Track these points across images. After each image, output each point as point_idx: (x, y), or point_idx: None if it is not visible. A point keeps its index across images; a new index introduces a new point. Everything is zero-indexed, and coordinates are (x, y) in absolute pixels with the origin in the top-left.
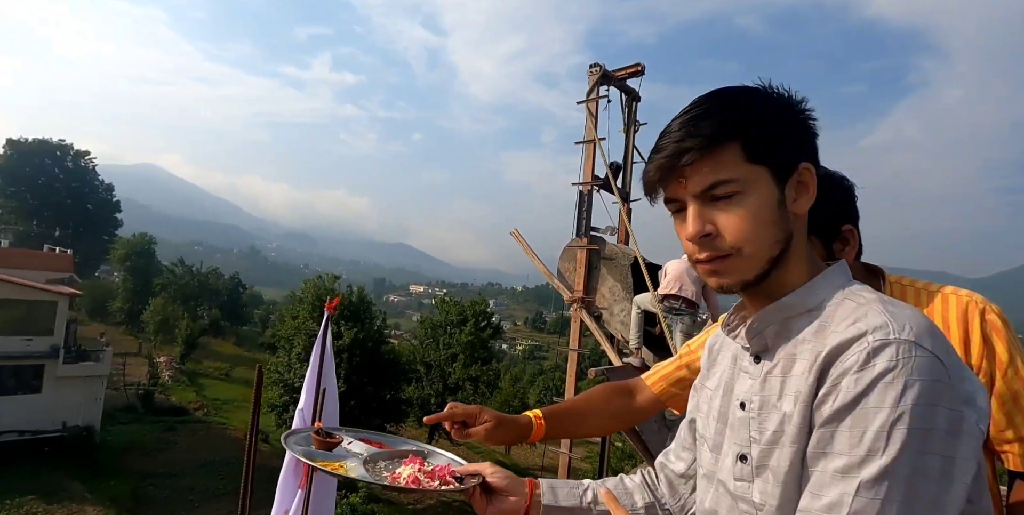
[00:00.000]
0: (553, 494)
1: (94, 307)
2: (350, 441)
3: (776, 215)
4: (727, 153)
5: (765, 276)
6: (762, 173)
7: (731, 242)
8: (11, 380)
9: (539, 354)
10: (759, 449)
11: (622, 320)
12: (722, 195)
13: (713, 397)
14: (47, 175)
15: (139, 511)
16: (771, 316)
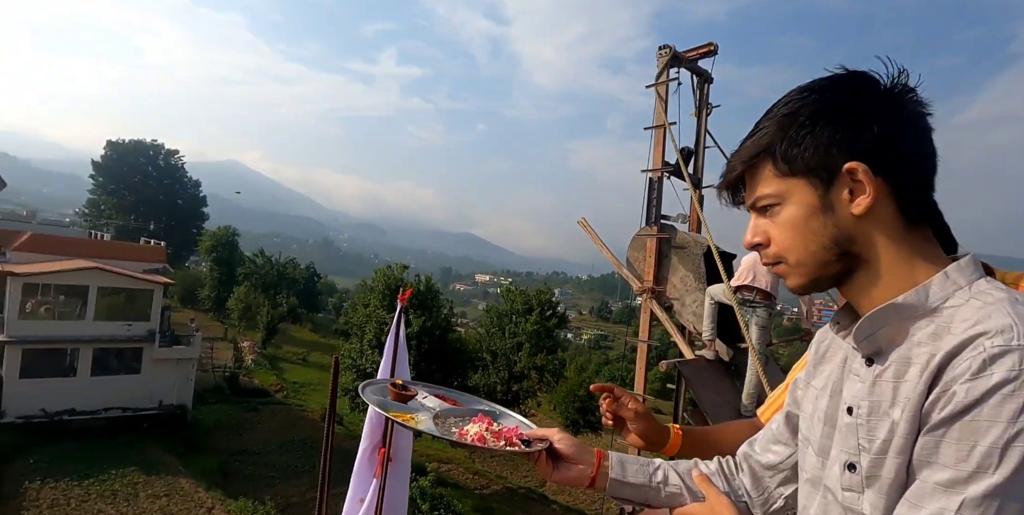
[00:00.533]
0: (622, 468)
1: (184, 295)
2: (425, 396)
3: (818, 222)
4: (762, 171)
5: (839, 277)
6: (799, 184)
7: (775, 251)
8: (115, 361)
9: (605, 344)
10: (868, 458)
11: (694, 311)
12: (765, 208)
13: (819, 397)
14: (142, 173)
15: (227, 485)
16: (883, 318)
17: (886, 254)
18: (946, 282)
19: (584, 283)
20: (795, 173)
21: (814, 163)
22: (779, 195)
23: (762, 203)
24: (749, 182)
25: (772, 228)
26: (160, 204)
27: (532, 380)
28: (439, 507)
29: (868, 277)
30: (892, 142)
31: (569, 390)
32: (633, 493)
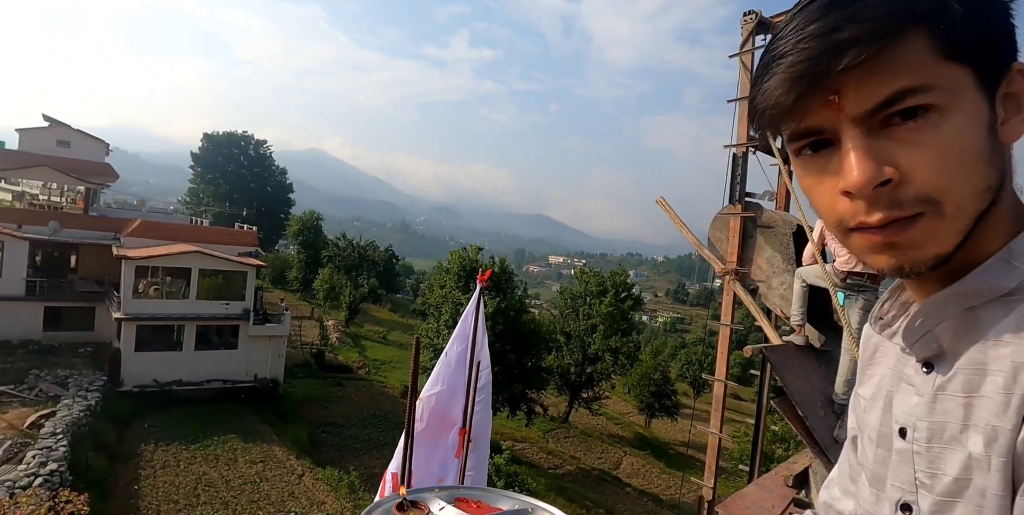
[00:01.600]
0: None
1: (275, 276)
2: (442, 507)
3: (988, 145)
4: (912, 46)
5: (961, 247)
6: (966, 78)
7: (923, 191)
8: (215, 337)
9: (681, 327)
10: (930, 500)
11: (782, 294)
12: (907, 114)
13: (869, 410)
14: (235, 163)
15: (315, 454)
16: (943, 308)
17: (1007, 207)
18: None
19: (660, 265)
20: (963, 56)
21: (994, 48)
22: (945, 89)
23: (908, 103)
24: (871, 67)
25: (914, 152)
26: (251, 191)
27: (606, 362)
28: (514, 485)
29: (975, 247)
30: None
31: (644, 373)
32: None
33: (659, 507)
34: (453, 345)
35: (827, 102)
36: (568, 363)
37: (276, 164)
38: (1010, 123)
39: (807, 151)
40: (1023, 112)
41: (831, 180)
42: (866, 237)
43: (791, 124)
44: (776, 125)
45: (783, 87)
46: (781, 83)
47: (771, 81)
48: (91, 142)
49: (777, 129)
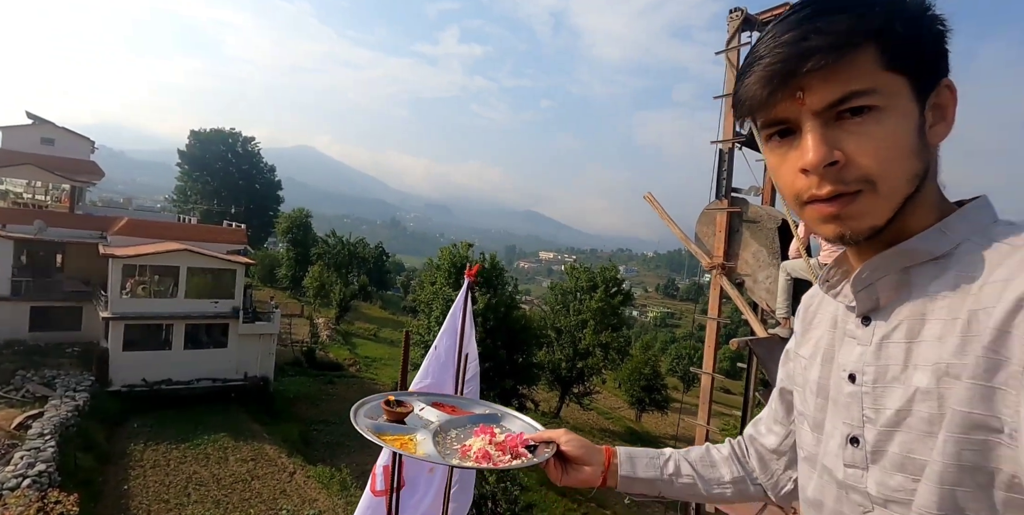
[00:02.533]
0: (631, 464)
1: (264, 274)
2: (422, 407)
3: (917, 142)
4: (862, 56)
5: (892, 221)
6: (902, 86)
7: (863, 173)
8: (204, 336)
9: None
10: (875, 431)
11: (767, 288)
12: (854, 111)
13: (809, 367)
14: (222, 160)
15: (307, 452)
16: (887, 264)
17: (933, 193)
18: (962, 223)
19: (650, 260)
20: (902, 69)
21: (922, 64)
22: (885, 93)
23: (858, 102)
24: (831, 71)
25: (858, 141)
26: (240, 189)
27: (597, 357)
28: (505, 480)
29: (905, 223)
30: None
31: (634, 368)
32: (645, 487)
33: (649, 499)
34: (442, 339)
35: (793, 97)
36: (559, 358)
37: (265, 161)
38: (936, 128)
39: (776, 138)
40: (947, 119)
41: (792, 161)
42: (817, 209)
43: (764, 114)
44: (753, 115)
45: (760, 83)
46: (758, 79)
47: (751, 77)
48: (76, 140)
49: (754, 118)
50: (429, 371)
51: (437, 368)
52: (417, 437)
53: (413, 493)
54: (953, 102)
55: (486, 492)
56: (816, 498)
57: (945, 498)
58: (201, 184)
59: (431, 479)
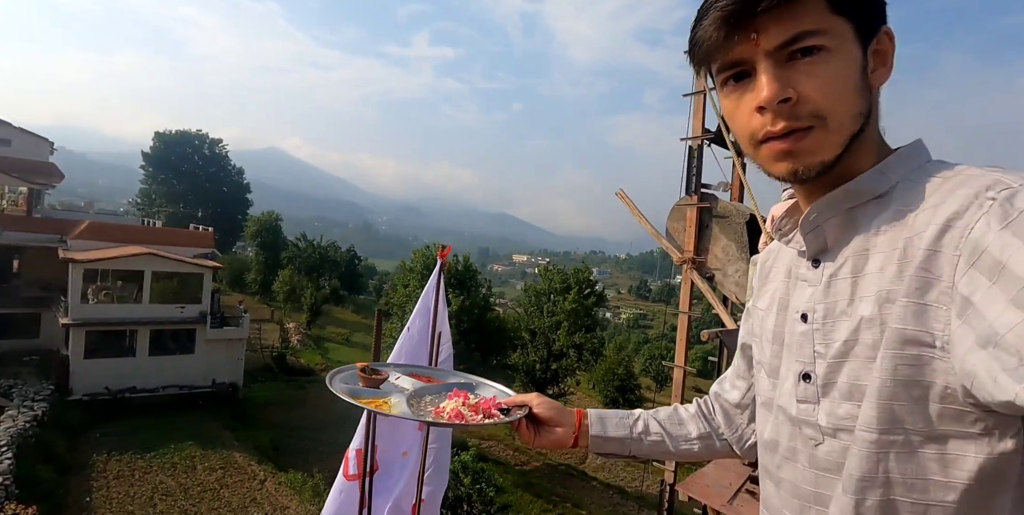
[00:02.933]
0: (602, 424)
1: (232, 278)
2: (398, 376)
3: (861, 82)
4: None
5: (840, 159)
6: (847, 29)
7: (814, 108)
8: (170, 342)
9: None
10: (825, 364)
11: (737, 281)
12: (804, 51)
13: (766, 317)
14: (189, 162)
15: (278, 459)
16: (832, 206)
17: (873, 135)
18: (900, 164)
19: (623, 262)
20: (845, 13)
21: (866, 9)
22: (833, 34)
23: (808, 42)
24: (783, 12)
25: (806, 79)
26: (207, 192)
27: (571, 359)
28: (481, 481)
29: (851, 162)
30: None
31: (608, 368)
32: (616, 447)
33: (624, 499)
34: (415, 320)
35: (748, 39)
36: (533, 360)
37: (233, 163)
38: (877, 72)
39: (731, 82)
40: (887, 64)
41: (748, 102)
42: (771, 146)
43: (722, 56)
44: (710, 58)
45: (716, 24)
46: (714, 21)
47: (707, 20)
48: (34, 140)
49: (710, 61)
50: (402, 352)
51: (410, 349)
52: (392, 400)
53: (388, 476)
54: (892, 49)
55: (461, 494)
56: (772, 439)
57: (884, 413)
58: (166, 187)
59: (405, 462)
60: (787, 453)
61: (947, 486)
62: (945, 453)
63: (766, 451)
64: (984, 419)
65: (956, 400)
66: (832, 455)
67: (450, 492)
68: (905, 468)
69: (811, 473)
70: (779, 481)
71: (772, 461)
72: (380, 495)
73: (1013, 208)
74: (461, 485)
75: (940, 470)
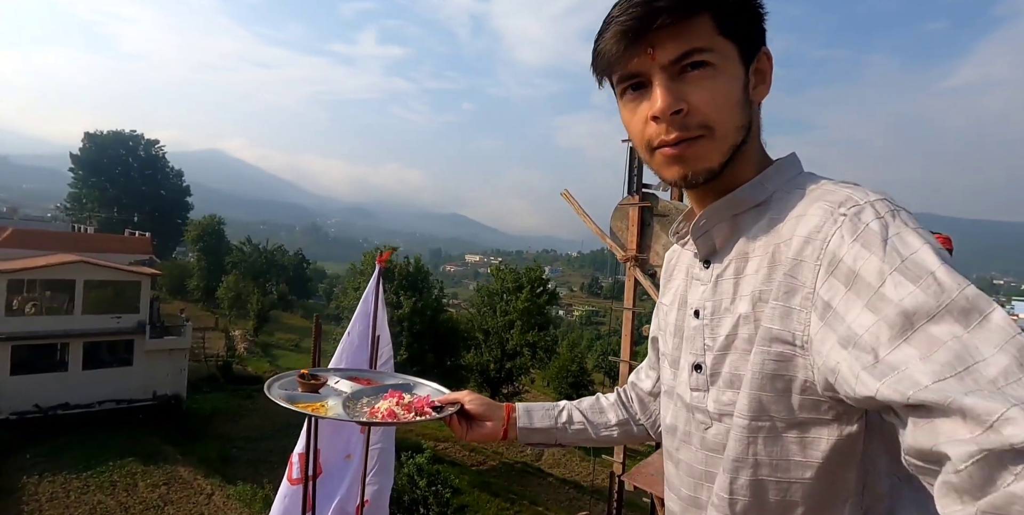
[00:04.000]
0: (528, 417)
1: (173, 286)
2: (337, 380)
3: (743, 98)
4: (701, 21)
5: (723, 168)
6: (731, 49)
7: (702, 120)
8: (106, 354)
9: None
10: (712, 356)
11: None
12: (695, 66)
13: (669, 312)
14: (123, 164)
15: (226, 471)
16: (718, 213)
17: (755, 147)
18: (776, 175)
19: (574, 260)
20: (728, 35)
21: (748, 32)
22: (719, 53)
23: (696, 58)
24: (676, 30)
25: (696, 92)
26: (143, 195)
27: (525, 357)
28: (437, 483)
29: (735, 171)
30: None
31: (562, 366)
32: (543, 437)
33: (580, 493)
34: (355, 324)
35: (644, 53)
36: (487, 360)
37: (171, 165)
38: (758, 88)
39: (630, 91)
40: (766, 82)
41: (644, 111)
42: (664, 152)
43: (620, 69)
44: (610, 69)
45: (615, 38)
46: (614, 35)
47: (608, 34)
48: None
49: (611, 73)
50: (343, 357)
51: (351, 353)
52: (328, 403)
53: (331, 480)
54: (770, 68)
55: (417, 497)
56: (672, 424)
57: (754, 402)
58: (99, 190)
59: (348, 465)
60: (684, 436)
61: (805, 465)
62: (804, 437)
63: (668, 435)
64: (836, 407)
65: (814, 392)
66: (718, 437)
67: (406, 496)
68: (771, 451)
69: (702, 454)
70: (678, 462)
71: (672, 444)
72: (324, 499)
73: (861, 222)
74: (417, 488)
75: (800, 451)
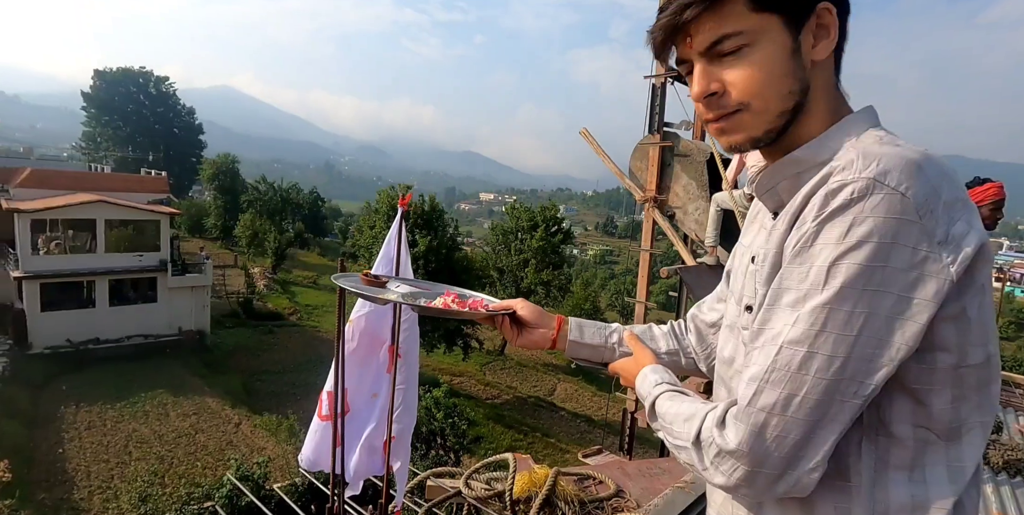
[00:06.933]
0: (580, 331)
1: (191, 224)
2: (397, 284)
3: (789, 66)
4: (731, 4)
5: (781, 131)
6: (772, 21)
7: (737, 98)
8: (131, 292)
9: (610, 259)
10: (757, 301)
11: (696, 219)
12: (729, 50)
13: (744, 254)
14: (134, 102)
15: (251, 403)
16: (781, 171)
17: (817, 106)
18: (840, 132)
19: (590, 199)
20: (770, 8)
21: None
22: (753, 32)
23: (729, 43)
24: (708, 20)
25: (733, 73)
26: (156, 134)
27: (539, 296)
28: (453, 415)
29: (799, 131)
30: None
31: (575, 305)
32: (590, 353)
33: (591, 426)
34: (378, 268)
35: (685, 43)
36: (502, 297)
37: (182, 103)
38: (819, 45)
39: (687, 74)
40: (831, 35)
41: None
42: (712, 127)
43: (667, 56)
44: (660, 55)
45: (658, 31)
46: (657, 29)
47: (655, 26)
48: None
49: (663, 58)
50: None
51: None
52: (388, 295)
53: (358, 417)
54: (833, 20)
55: (435, 428)
56: (730, 356)
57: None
58: (112, 129)
59: (375, 403)
60: (740, 368)
61: None
62: None
63: (724, 365)
64: None
65: None
66: None
67: (424, 427)
68: None
69: None
70: (730, 389)
71: (727, 373)
72: (352, 434)
73: (829, 205)
74: (434, 420)
75: None
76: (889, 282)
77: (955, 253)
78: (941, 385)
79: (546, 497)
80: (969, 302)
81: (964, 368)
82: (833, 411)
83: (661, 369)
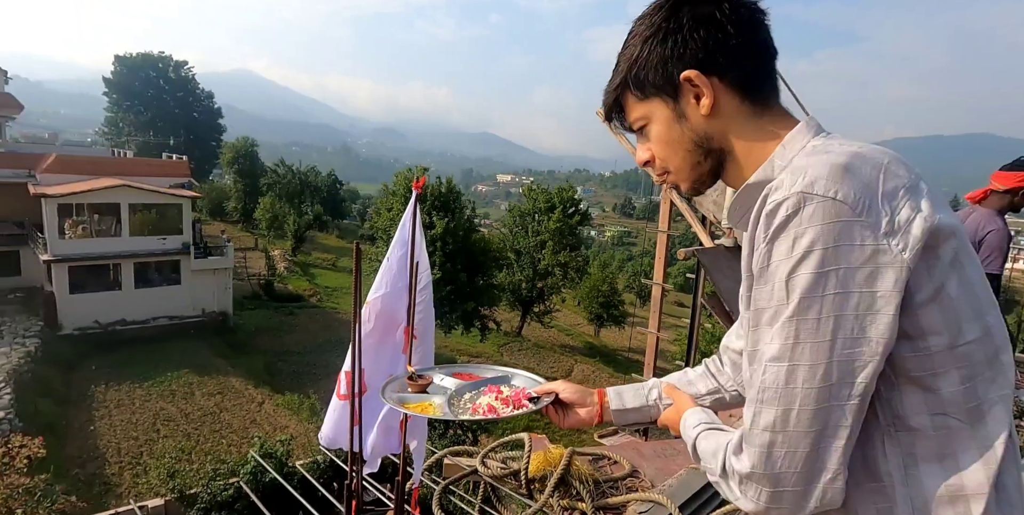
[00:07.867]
0: (620, 399)
1: (212, 208)
2: (442, 378)
3: (677, 131)
4: (627, 99)
5: (713, 175)
6: (655, 103)
7: (660, 165)
8: (155, 274)
9: (628, 240)
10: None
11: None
12: (640, 128)
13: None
14: (155, 87)
15: (273, 382)
16: (742, 201)
17: (742, 141)
18: (784, 152)
19: (607, 180)
20: (649, 95)
21: (659, 82)
22: (644, 117)
23: (636, 126)
24: (625, 109)
25: (652, 145)
26: (177, 118)
27: (556, 277)
28: None
29: (735, 165)
30: (719, 43)
31: (593, 286)
32: (637, 416)
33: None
34: (394, 250)
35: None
36: (519, 279)
37: (201, 87)
38: (702, 103)
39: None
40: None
41: None
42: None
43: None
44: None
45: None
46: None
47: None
48: None
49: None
50: (384, 282)
51: (391, 279)
52: (435, 401)
53: (374, 397)
54: (703, 81)
55: None
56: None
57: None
58: (133, 114)
59: None
60: None
61: None
62: None
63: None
64: None
65: None
66: None
67: None
68: None
69: None
70: None
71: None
72: (370, 414)
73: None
74: None
75: None
76: (846, 282)
77: (904, 239)
78: (944, 368)
79: (561, 476)
80: (945, 280)
81: (962, 346)
82: (834, 417)
83: (699, 411)
